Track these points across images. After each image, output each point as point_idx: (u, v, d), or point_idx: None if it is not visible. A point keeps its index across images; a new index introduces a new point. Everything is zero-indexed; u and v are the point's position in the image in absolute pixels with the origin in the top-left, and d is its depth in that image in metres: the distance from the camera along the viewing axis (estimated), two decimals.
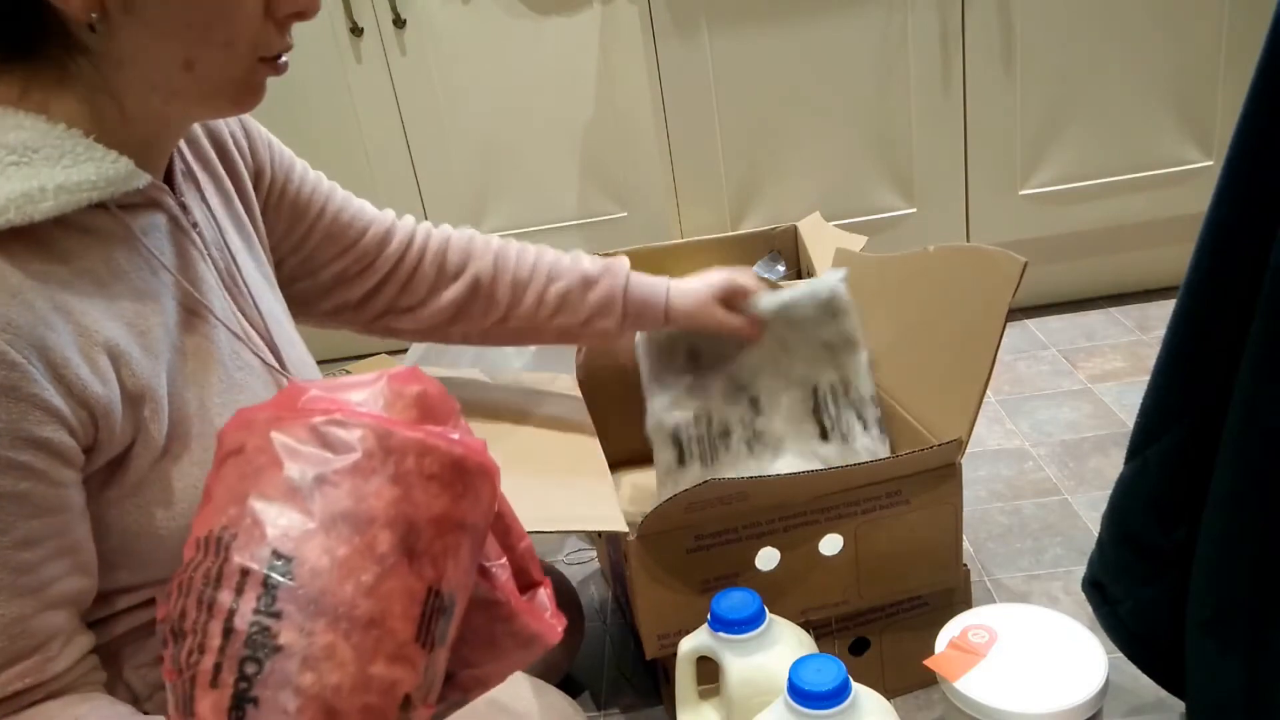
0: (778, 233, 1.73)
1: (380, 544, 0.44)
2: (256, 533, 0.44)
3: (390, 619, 0.44)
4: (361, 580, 0.43)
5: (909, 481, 0.93)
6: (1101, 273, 1.95)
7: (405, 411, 0.48)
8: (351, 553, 0.44)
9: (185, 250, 0.69)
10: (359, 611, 0.43)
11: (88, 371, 0.58)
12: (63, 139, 0.58)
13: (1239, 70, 1.71)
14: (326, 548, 0.43)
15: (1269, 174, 0.67)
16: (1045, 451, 1.45)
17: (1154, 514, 0.82)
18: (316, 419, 0.46)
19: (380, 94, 2.02)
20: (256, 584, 0.43)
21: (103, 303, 0.61)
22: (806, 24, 1.74)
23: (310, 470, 0.45)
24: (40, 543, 0.57)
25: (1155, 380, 0.80)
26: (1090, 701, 0.75)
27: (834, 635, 0.99)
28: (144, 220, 0.66)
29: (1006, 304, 0.89)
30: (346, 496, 0.44)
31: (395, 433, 0.46)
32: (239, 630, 0.42)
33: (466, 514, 0.47)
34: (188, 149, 0.75)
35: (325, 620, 0.42)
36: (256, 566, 0.43)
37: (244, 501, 0.45)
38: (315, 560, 0.43)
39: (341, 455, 0.45)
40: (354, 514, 0.44)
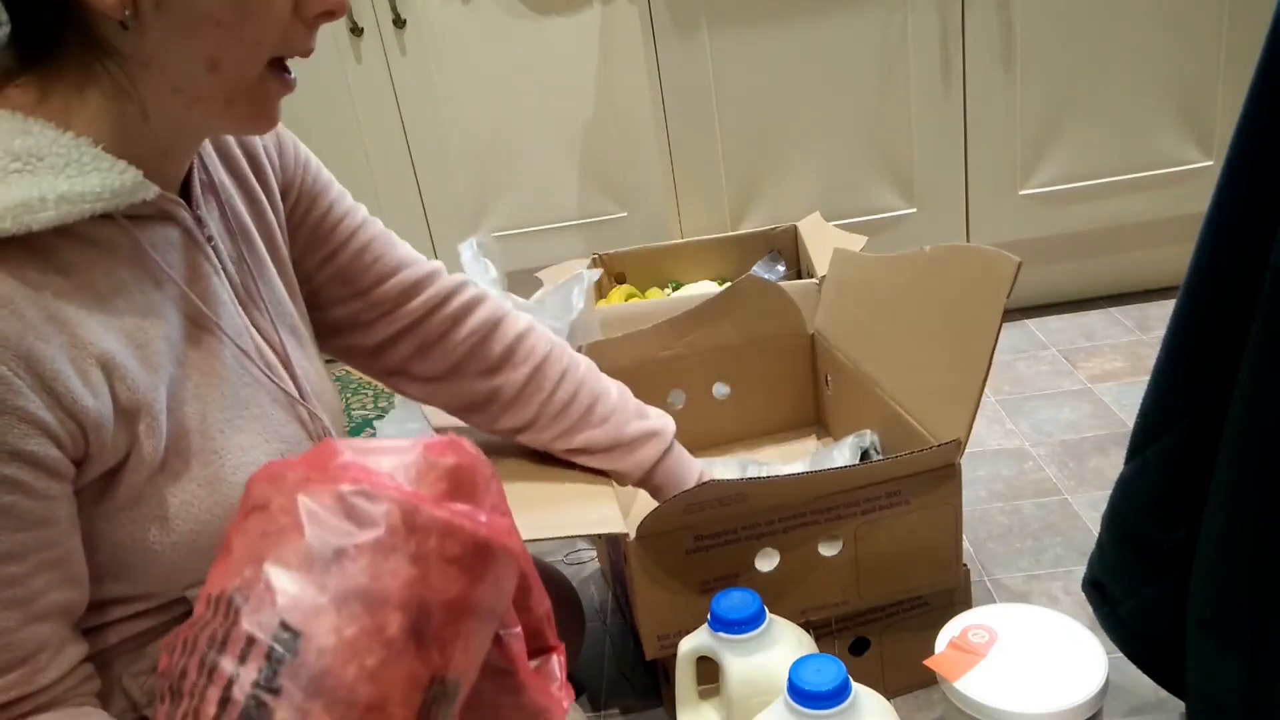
0: (778, 233, 1.73)
1: (390, 626, 0.43)
2: (268, 599, 0.43)
3: (390, 705, 0.43)
4: (366, 664, 0.43)
5: (909, 482, 0.93)
6: (1101, 273, 1.95)
7: (436, 484, 0.47)
8: (360, 633, 0.43)
9: (197, 264, 0.68)
10: (359, 696, 0.42)
11: (79, 384, 0.57)
12: (69, 147, 0.58)
13: (1239, 70, 1.71)
14: (335, 626, 0.43)
15: (1269, 174, 0.67)
16: (1045, 451, 1.45)
17: (1154, 514, 0.82)
18: (345, 487, 0.45)
19: (380, 94, 2.02)
20: (260, 655, 0.42)
21: (100, 314, 0.60)
22: (806, 24, 1.74)
23: (331, 541, 0.44)
24: (26, 556, 0.57)
25: (1155, 380, 0.80)
26: (1090, 701, 0.75)
27: (834, 635, 0.99)
28: (154, 233, 0.65)
29: (1002, 303, 0.89)
30: (363, 573, 0.44)
31: (421, 510, 0.45)
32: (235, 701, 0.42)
33: (483, 598, 0.47)
34: (218, 160, 0.74)
35: (323, 701, 0.42)
36: (262, 636, 0.42)
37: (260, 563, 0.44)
38: (322, 638, 0.42)
39: (365, 530, 0.44)
40: (368, 593, 0.43)
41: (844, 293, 1.26)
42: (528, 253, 2.09)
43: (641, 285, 1.76)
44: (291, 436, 0.72)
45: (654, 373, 1.29)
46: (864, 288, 1.21)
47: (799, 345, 1.33)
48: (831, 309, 1.29)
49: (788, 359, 1.34)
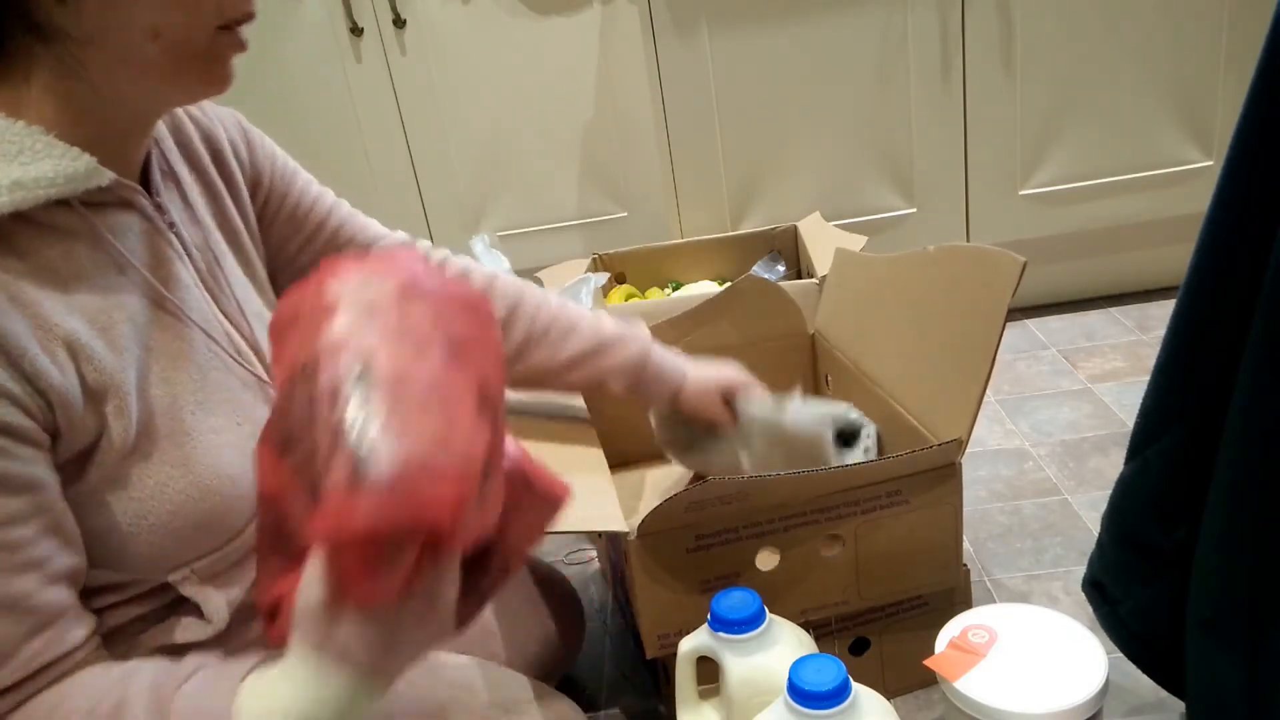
0: (778, 233, 1.74)
1: (435, 350, 0.53)
2: (333, 357, 0.52)
3: (457, 400, 0.52)
4: (429, 373, 0.52)
5: (909, 481, 0.93)
6: (1101, 273, 1.95)
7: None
8: (416, 356, 0.52)
9: (159, 250, 0.69)
10: (434, 395, 0.51)
11: (46, 361, 0.58)
12: (21, 135, 0.58)
13: (1239, 70, 1.71)
14: (393, 354, 0.52)
15: (1269, 174, 0.67)
16: (1045, 451, 1.45)
17: (1154, 514, 0.82)
18: (354, 274, 0.55)
19: (380, 94, 2.02)
20: (345, 391, 0.50)
21: (62, 298, 0.61)
22: (806, 24, 1.74)
23: (362, 305, 0.53)
24: (26, 520, 0.57)
25: (1155, 380, 0.80)
26: (1090, 701, 0.75)
27: (834, 635, 0.99)
28: (113, 219, 0.66)
29: (1006, 303, 0.89)
30: (398, 320, 0.53)
31: (420, 281, 0.55)
32: (341, 424, 0.49)
33: (491, 343, 0.57)
34: (176, 151, 0.75)
35: (410, 403, 0.50)
36: (342, 375, 0.51)
37: (314, 344, 0.53)
38: (387, 364, 0.51)
39: (384, 293, 0.54)
40: (408, 330, 0.53)
41: (844, 293, 1.26)
42: (528, 253, 2.09)
43: (641, 285, 1.76)
44: (262, 419, 0.72)
45: None
46: (864, 288, 1.21)
47: (799, 345, 1.33)
48: (831, 309, 1.29)
49: (788, 359, 1.34)
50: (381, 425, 0.49)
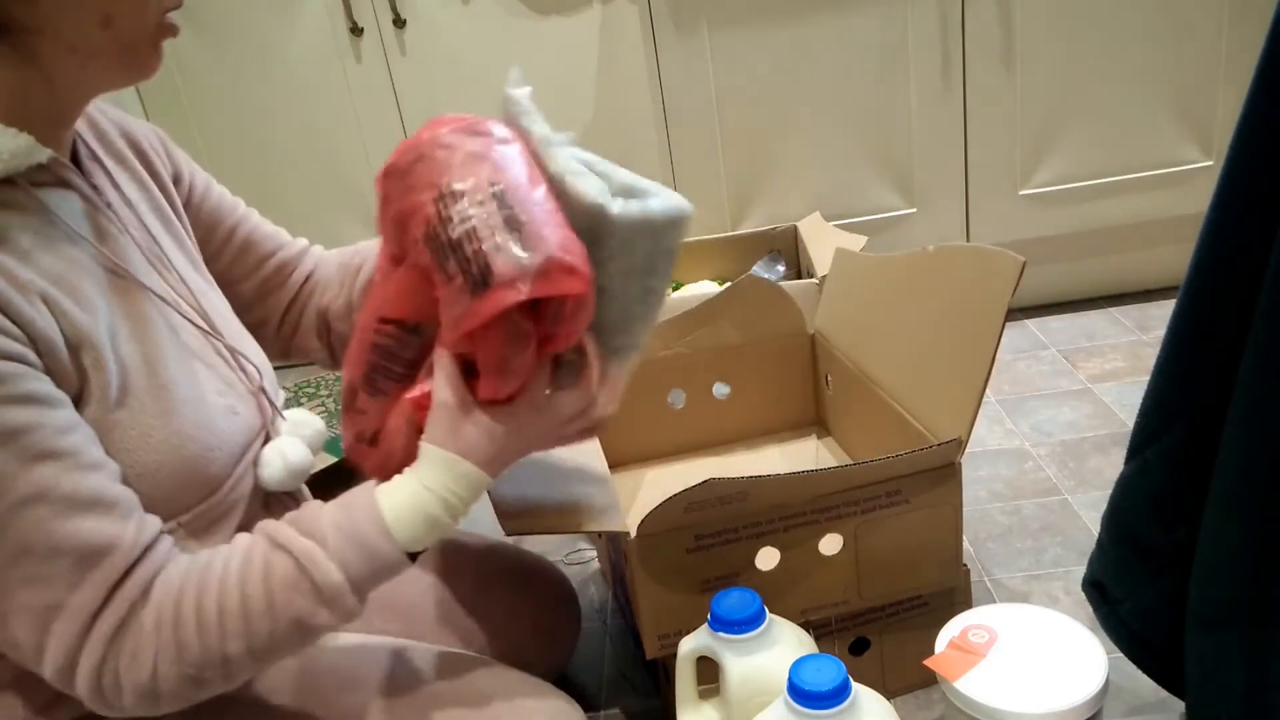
0: (778, 233, 1.74)
1: (537, 176, 0.68)
2: (469, 179, 0.65)
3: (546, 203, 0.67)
4: (540, 193, 0.67)
5: (909, 481, 0.93)
6: (1101, 273, 1.95)
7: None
8: (529, 178, 0.67)
9: (102, 226, 0.72)
10: (549, 207, 0.66)
11: (28, 308, 0.61)
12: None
13: (1239, 70, 1.71)
14: (514, 175, 0.66)
15: (1269, 174, 0.67)
16: (1045, 451, 1.45)
17: (1154, 514, 0.82)
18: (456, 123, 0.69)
19: (380, 94, 2.02)
20: (489, 199, 0.64)
21: (27, 264, 0.63)
22: (806, 24, 1.74)
23: (473, 147, 0.67)
24: (72, 430, 0.61)
25: (1155, 380, 0.80)
26: (1090, 701, 0.75)
27: (834, 635, 0.99)
28: (55, 197, 0.68)
29: (1005, 303, 0.89)
30: (506, 154, 0.68)
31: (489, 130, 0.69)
32: (494, 219, 0.64)
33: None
34: (94, 141, 0.77)
35: (536, 208, 0.65)
36: (484, 188, 0.64)
37: (444, 175, 0.66)
38: (511, 180, 0.66)
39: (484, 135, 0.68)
40: (517, 161, 0.68)
41: (844, 293, 1.26)
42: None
43: None
44: (225, 376, 0.77)
45: (654, 373, 1.29)
46: (864, 288, 1.21)
47: (799, 345, 1.33)
48: (831, 309, 1.29)
49: (788, 359, 1.34)
50: (529, 218, 0.64)
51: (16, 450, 0.58)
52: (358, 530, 0.66)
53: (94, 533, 0.60)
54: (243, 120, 1.98)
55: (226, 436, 0.74)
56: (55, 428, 0.60)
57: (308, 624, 0.65)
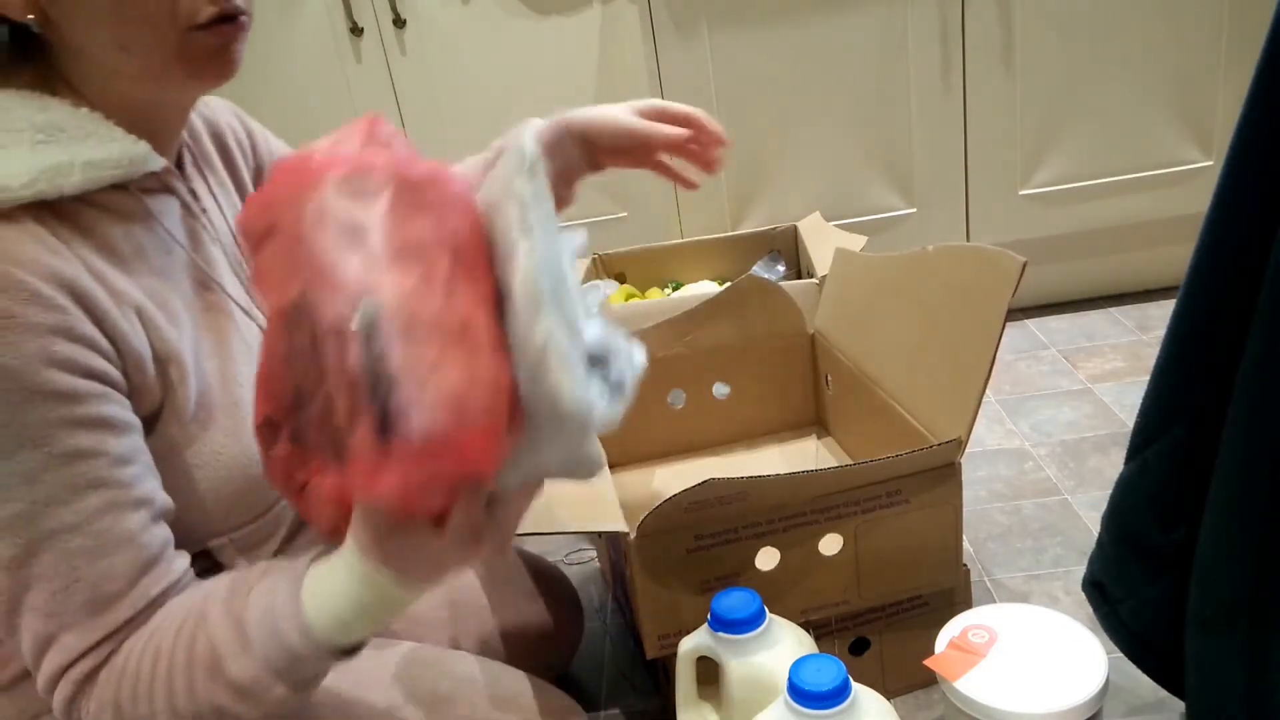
0: (778, 233, 1.73)
1: (440, 263, 0.48)
2: (333, 291, 0.46)
3: (475, 324, 0.48)
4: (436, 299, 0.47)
5: (909, 481, 0.93)
6: (1101, 273, 1.95)
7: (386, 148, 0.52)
8: (420, 277, 0.47)
9: (196, 233, 0.72)
10: (448, 323, 0.46)
11: (124, 324, 0.61)
12: (86, 121, 0.62)
13: (1239, 70, 1.71)
14: (395, 283, 0.46)
15: (1269, 174, 0.67)
16: (1045, 451, 1.45)
17: (1154, 514, 0.82)
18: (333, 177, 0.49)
19: (380, 94, 2.02)
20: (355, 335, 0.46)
21: (125, 273, 0.64)
22: (806, 24, 1.74)
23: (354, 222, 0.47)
24: (133, 460, 0.61)
25: (1155, 380, 0.80)
26: (1090, 701, 0.75)
27: (834, 635, 0.99)
28: (160, 203, 0.69)
29: (1006, 303, 0.89)
30: (389, 239, 0.47)
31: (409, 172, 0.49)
32: (354, 373, 0.46)
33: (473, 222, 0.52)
34: (192, 142, 0.77)
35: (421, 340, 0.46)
36: (345, 317, 0.46)
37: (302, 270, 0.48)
38: (394, 293, 0.46)
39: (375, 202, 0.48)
40: (402, 249, 0.47)
41: (844, 293, 1.26)
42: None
43: (641, 285, 1.76)
44: None
45: (654, 373, 1.28)
46: (864, 288, 1.21)
47: (799, 345, 1.33)
48: (831, 309, 1.29)
49: (788, 359, 1.34)
50: (400, 371, 0.45)
51: (70, 476, 0.58)
52: (278, 625, 0.60)
53: (111, 579, 0.60)
54: None
55: None
56: (115, 457, 0.60)
57: (232, 712, 0.61)
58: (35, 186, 0.59)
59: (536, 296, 0.48)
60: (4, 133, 0.60)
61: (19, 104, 0.61)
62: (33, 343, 0.56)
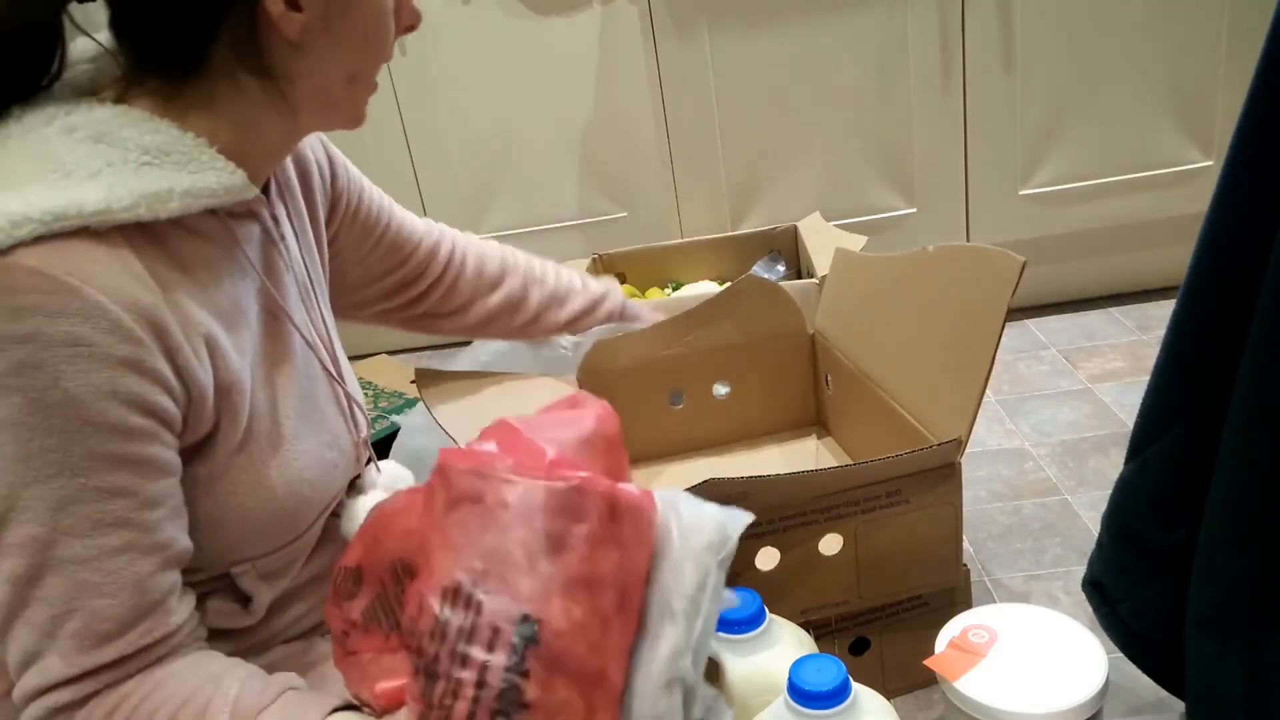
0: (778, 233, 1.73)
1: (606, 604, 0.50)
2: (507, 594, 0.49)
3: (610, 671, 0.50)
4: (592, 640, 0.49)
5: (909, 481, 0.93)
6: (1101, 273, 1.95)
7: (608, 455, 0.55)
8: (587, 615, 0.49)
9: (273, 260, 0.73)
10: (589, 667, 0.49)
11: (192, 356, 0.62)
12: (190, 147, 0.62)
13: (1239, 70, 1.71)
14: (566, 610, 0.49)
15: (1269, 174, 0.67)
16: (1045, 451, 1.45)
17: (1154, 514, 0.82)
18: (557, 485, 0.51)
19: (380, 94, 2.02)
20: (506, 643, 0.48)
21: (201, 299, 0.64)
22: (806, 24, 1.74)
23: (553, 536, 0.50)
24: (162, 503, 0.61)
25: (1155, 380, 0.80)
26: (1090, 701, 0.75)
27: (834, 635, 0.99)
28: (243, 229, 0.70)
29: (1005, 303, 0.89)
30: (583, 562, 0.50)
31: (620, 501, 0.52)
32: (492, 685, 0.48)
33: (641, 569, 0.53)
34: (278, 169, 0.78)
35: (564, 677, 0.48)
36: (507, 626, 0.48)
37: (491, 558, 0.50)
38: (558, 623, 0.48)
39: (580, 523, 0.51)
40: (588, 578, 0.50)
41: (844, 293, 1.26)
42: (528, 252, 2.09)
43: (641, 285, 1.76)
44: (340, 431, 0.78)
45: (654, 373, 1.29)
46: (864, 288, 1.21)
47: (799, 345, 1.33)
48: (831, 309, 1.29)
49: (788, 359, 1.34)
50: (534, 702, 0.47)
51: (98, 510, 0.58)
52: None
53: (107, 620, 0.59)
54: None
55: (324, 491, 0.75)
56: (146, 498, 0.60)
57: None
58: (136, 211, 0.59)
59: (670, 684, 0.50)
60: (112, 149, 0.60)
61: (131, 124, 0.61)
62: (102, 373, 0.56)
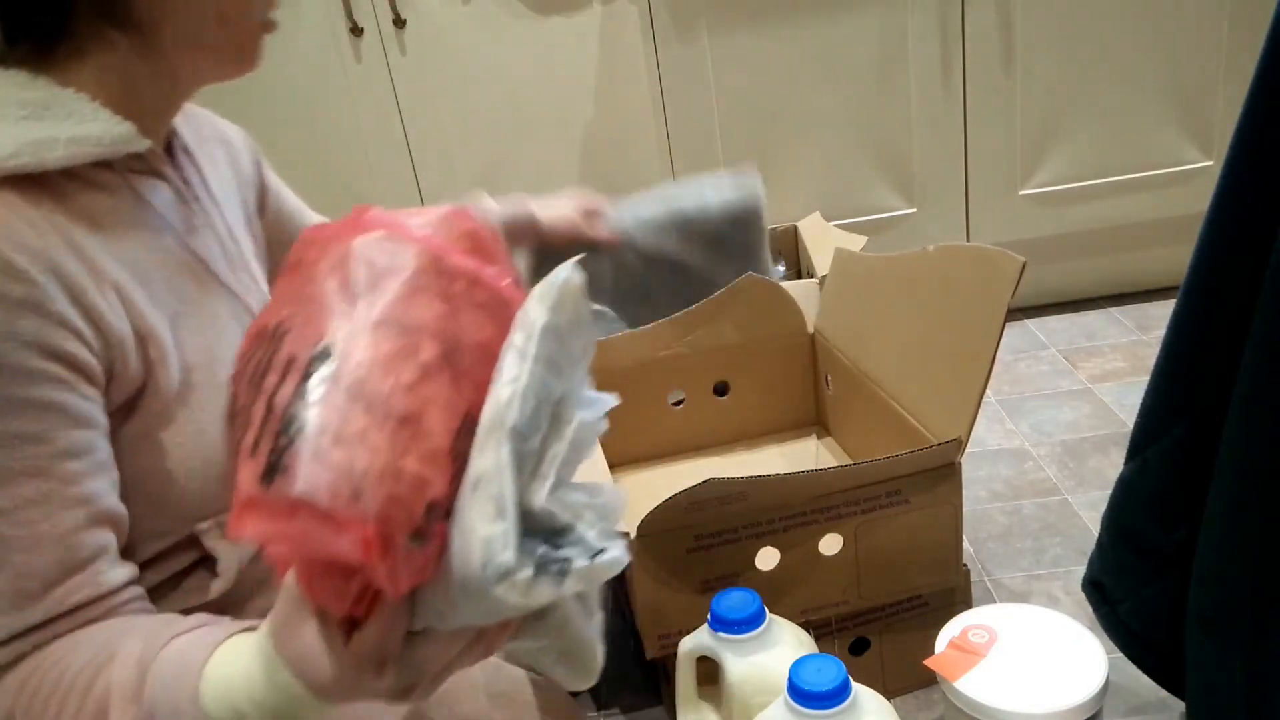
0: (778, 233, 1.73)
1: (424, 351, 0.46)
2: (309, 328, 0.46)
3: (427, 421, 0.44)
4: (401, 378, 0.44)
5: (909, 481, 0.93)
6: (1101, 273, 1.95)
7: (459, 240, 0.51)
8: (395, 351, 0.45)
9: (190, 219, 0.73)
10: (395, 405, 0.44)
11: (102, 301, 0.60)
12: (70, 100, 0.62)
13: (1239, 70, 1.71)
14: (372, 343, 0.45)
15: (1269, 174, 0.67)
16: (1045, 451, 1.45)
17: (1154, 514, 0.82)
18: (376, 233, 0.49)
19: (380, 94, 2.02)
20: (299, 368, 0.45)
21: (107, 248, 0.63)
22: (806, 24, 1.74)
23: (365, 276, 0.47)
24: (82, 455, 0.59)
25: (1155, 380, 0.80)
26: (1090, 701, 0.75)
27: (834, 635, 0.99)
28: (148, 185, 0.69)
29: (1005, 303, 0.89)
30: (397, 304, 0.46)
31: (447, 257, 0.48)
32: (276, 407, 0.44)
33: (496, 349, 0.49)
34: (189, 136, 0.78)
35: (362, 406, 0.43)
36: (302, 354, 0.45)
37: (298, 301, 0.48)
38: (359, 353, 0.45)
39: (396, 269, 0.47)
40: (402, 319, 0.46)
41: (844, 293, 1.26)
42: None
43: None
44: None
45: (654, 373, 1.29)
46: (864, 288, 1.21)
47: (799, 345, 1.33)
48: (831, 309, 1.29)
49: (788, 359, 1.34)
50: (317, 429, 0.42)
51: (7, 458, 0.56)
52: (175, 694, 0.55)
53: (29, 577, 0.57)
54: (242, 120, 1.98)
55: None
56: (62, 448, 0.58)
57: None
58: (19, 158, 0.59)
59: (497, 424, 0.44)
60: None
61: (7, 84, 0.61)
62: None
